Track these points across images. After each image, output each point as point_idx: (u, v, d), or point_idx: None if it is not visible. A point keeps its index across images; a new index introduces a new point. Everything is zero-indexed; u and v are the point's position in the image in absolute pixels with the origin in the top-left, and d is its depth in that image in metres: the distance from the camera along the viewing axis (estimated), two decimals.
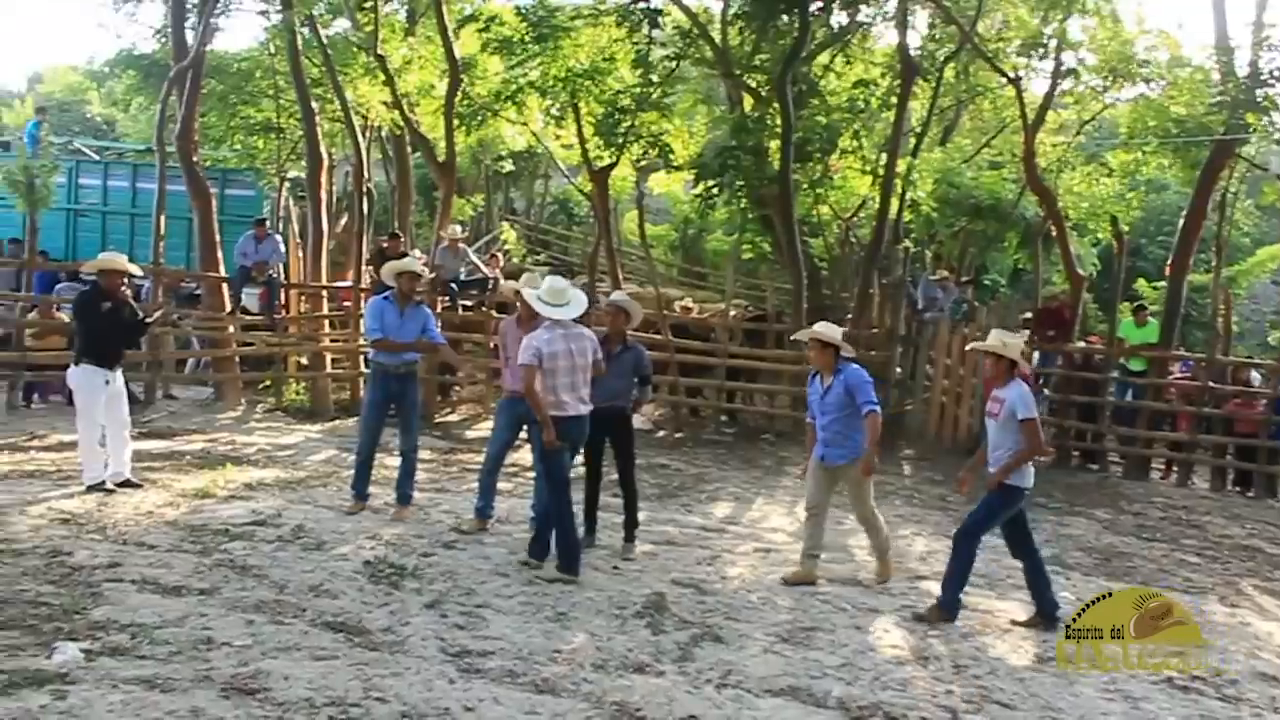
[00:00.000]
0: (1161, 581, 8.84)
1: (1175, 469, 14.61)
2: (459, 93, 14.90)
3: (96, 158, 19.72)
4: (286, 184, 16.24)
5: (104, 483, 7.97)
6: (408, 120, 14.99)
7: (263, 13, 15.59)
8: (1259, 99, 13.02)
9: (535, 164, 28.51)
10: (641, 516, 8.04)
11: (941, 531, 10.04)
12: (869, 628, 6.45)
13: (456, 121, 15.01)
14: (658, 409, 15.67)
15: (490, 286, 15.34)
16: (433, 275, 14.29)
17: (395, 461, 8.58)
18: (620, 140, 14.53)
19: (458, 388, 15.29)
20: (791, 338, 12.58)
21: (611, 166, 15.66)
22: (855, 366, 7.32)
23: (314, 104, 14.56)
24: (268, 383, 14.39)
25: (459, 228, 15.61)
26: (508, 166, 26.40)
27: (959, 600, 6.77)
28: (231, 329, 14.13)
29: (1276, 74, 12.96)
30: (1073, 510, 11.89)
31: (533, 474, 8.83)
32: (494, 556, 7.15)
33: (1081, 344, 14.98)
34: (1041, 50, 14.12)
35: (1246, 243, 15.62)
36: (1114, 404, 14.53)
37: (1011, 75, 14.69)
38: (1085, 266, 19.80)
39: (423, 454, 9.56)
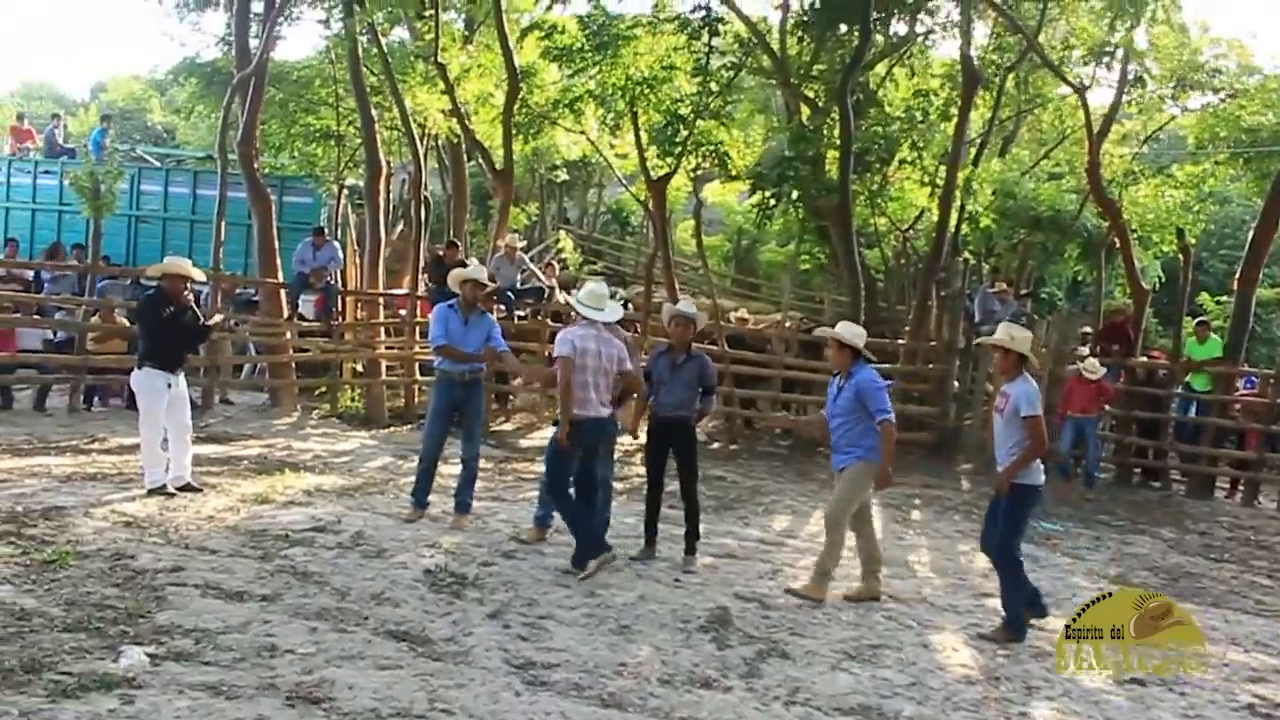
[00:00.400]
0: (1233, 603, 8.59)
1: (1241, 488, 14.24)
2: (517, 101, 14.93)
3: (158, 164, 20.05)
4: (345, 191, 16.32)
5: (165, 486, 8.01)
6: (466, 128, 15.06)
7: (324, 21, 15.74)
8: None
9: (589, 173, 28.60)
10: (701, 529, 7.93)
11: None
12: (936, 646, 6.29)
13: (514, 130, 15.04)
14: (712, 420, 15.54)
15: (546, 295, 15.33)
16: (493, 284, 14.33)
17: (454, 469, 8.56)
18: (679, 149, 14.44)
19: (513, 396, 15.28)
20: (814, 331, 12.41)
21: (669, 176, 15.60)
22: (869, 371, 7.05)
23: (373, 112, 14.62)
24: (323, 389, 14.47)
25: (516, 236, 15.58)
26: (562, 176, 26.45)
27: (1023, 618, 6.57)
28: (288, 335, 14.24)
29: None
30: (1136, 528, 11.62)
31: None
32: (554, 567, 7.07)
33: (1144, 359, 14.66)
34: (1108, 59, 13.84)
35: None
36: (1177, 420, 14.20)
37: (1077, 85, 14.41)
38: (1148, 280, 19.46)
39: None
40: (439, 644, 5.31)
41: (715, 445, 14.86)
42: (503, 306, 14.84)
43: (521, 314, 15.15)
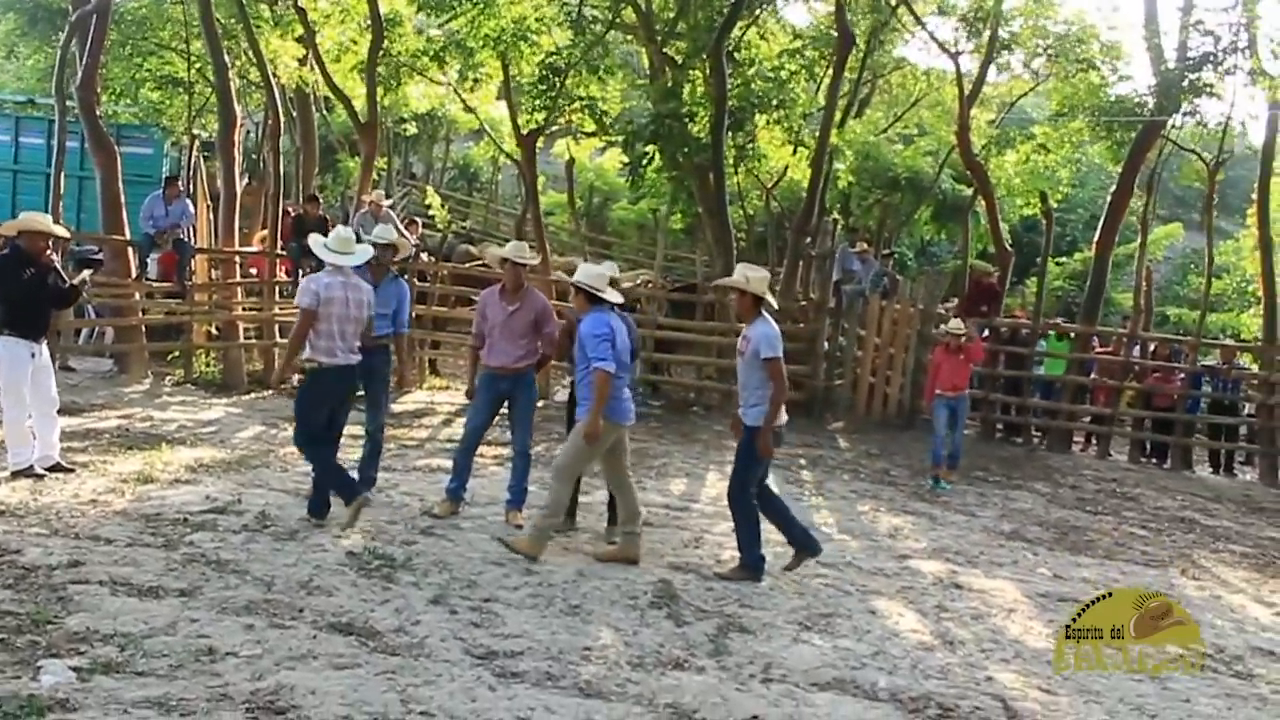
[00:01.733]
0: (1122, 556, 8.97)
1: (1095, 441, 14.99)
2: (381, 50, 14.13)
3: None
4: (197, 143, 15.09)
5: (32, 467, 7.21)
6: (328, 77, 14.14)
7: None
8: (1188, 81, 13.27)
9: (436, 127, 27.62)
10: (601, 495, 7.67)
11: (898, 507, 10.01)
12: (883, 612, 6.27)
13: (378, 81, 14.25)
14: None
15: (413, 254, 14.65)
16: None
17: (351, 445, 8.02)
18: (554, 103, 13.97)
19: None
20: (714, 284, 12.22)
21: (540, 130, 15.11)
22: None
23: (225, 58, 13.54)
24: (176, 354, 13.45)
25: (382, 192, 14.82)
26: (411, 129, 25.42)
27: (761, 558, 6.58)
28: (137, 296, 13.15)
29: (1205, 57, 13.21)
30: (1012, 483, 12.02)
31: (506, 452, 8.42)
32: (478, 544, 6.70)
33: (1008, 320, 15.18)
34: (980, 25, 14.11)
35: (1133, 220, 16.06)
36: (1038, 378, 14.78)
37: (951, 49, 14.67)
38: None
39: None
40: (389, 636, 4.90)
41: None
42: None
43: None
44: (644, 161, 15.28)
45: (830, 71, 15.83)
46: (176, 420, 10.75)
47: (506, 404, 7.48)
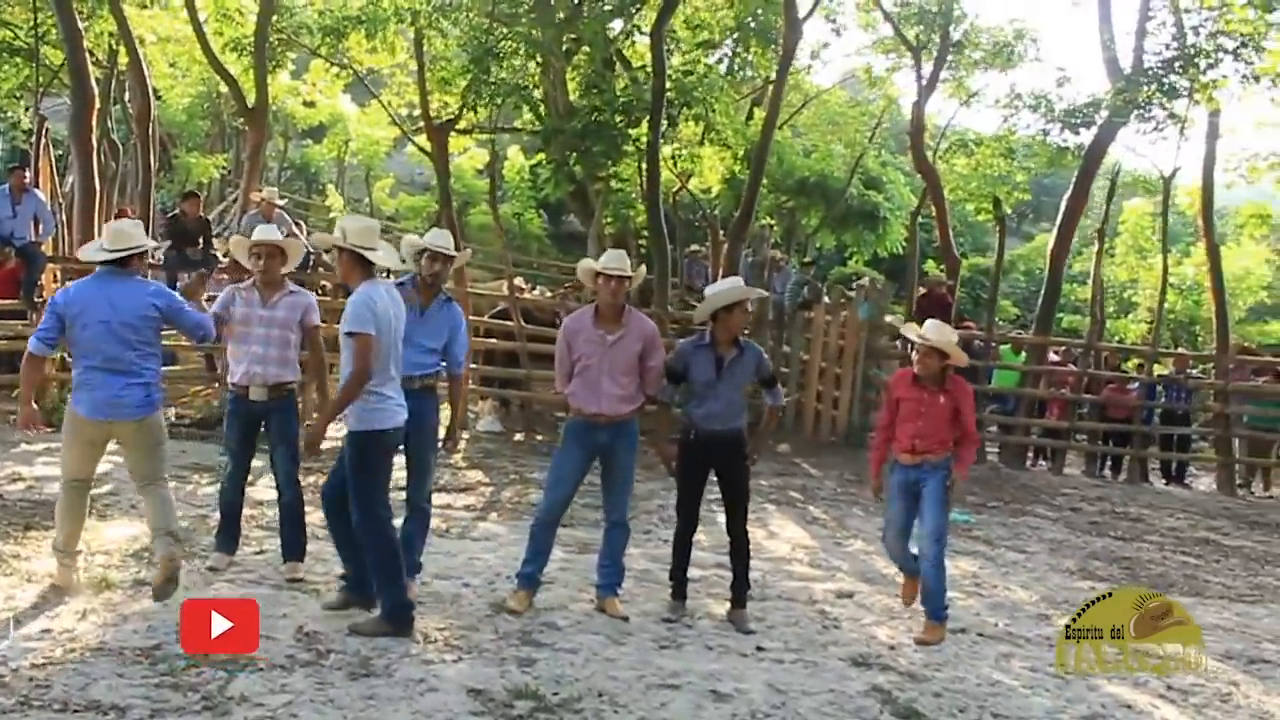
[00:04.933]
0: (1211, 592, 8.19)
1: (1048, 456, 14.42)
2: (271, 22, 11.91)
3: None
4: (45, 126, 12.20)
5: None
6: (209, 50, 11.79)
7: None
8: (1142, 86, 12.82)
9: (271, 123, 24.85)
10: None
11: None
12: (1138, 705, 4.98)
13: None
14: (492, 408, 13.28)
15: (310, 263, 12.49)
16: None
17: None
18: (484, 90, 12.10)
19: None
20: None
21: (453, 122, 13.23)
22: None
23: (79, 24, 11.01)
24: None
25: (275, 189, 12.56)
26: None
27: (408, 604, 4.98)
28: None
29: (1160, 65, 12.82)
30: (1009, 507, 11.18)
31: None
32: (613, 652, 5.00)
33: (960, 330, 14.38)
34: (937, 23, 13.27)
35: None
36: (994, 391, 14.06)
37: (912, 44, 13.75)
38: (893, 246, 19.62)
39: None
40: None
41: (518, 438, 12.69)
42: None
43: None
44: (569, 163, 13.64)
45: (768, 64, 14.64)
46: (54, 478, 8.25)
47: (600, 461, 5.78)
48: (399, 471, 5.36)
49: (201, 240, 11.74)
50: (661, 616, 5.68)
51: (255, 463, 6.14)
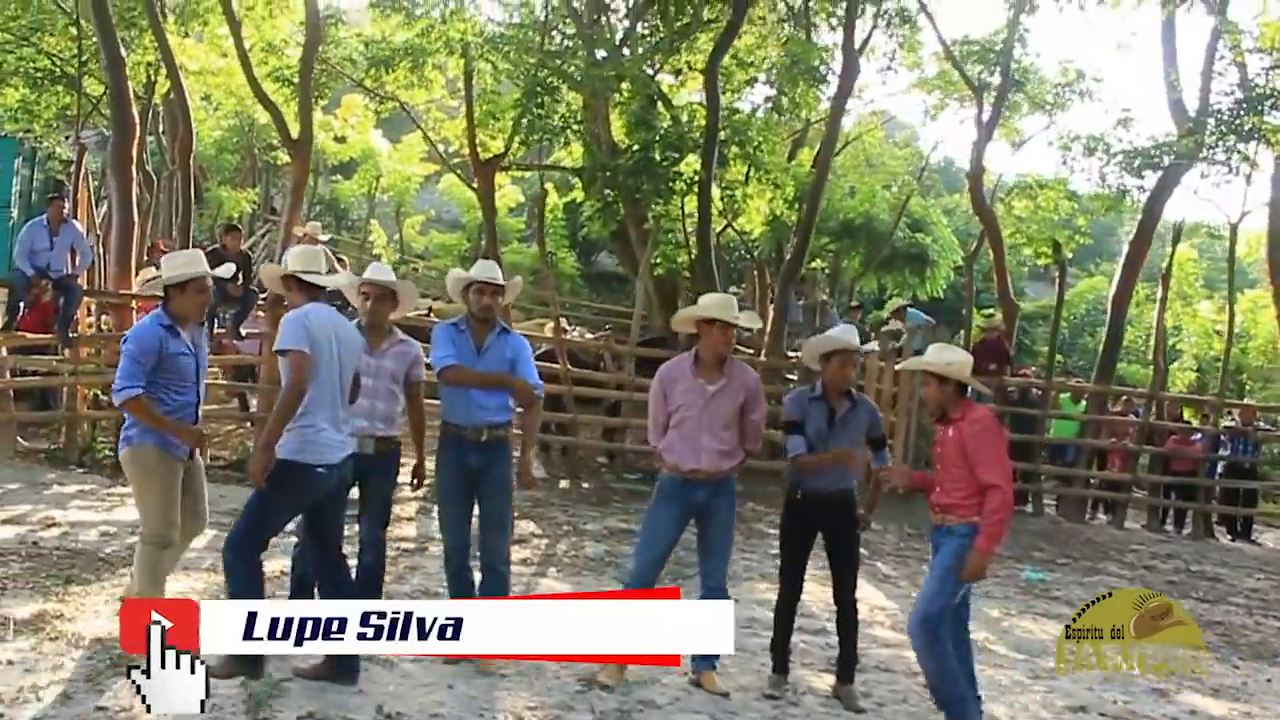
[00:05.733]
0: None
1: (1109, 509, 13.88)
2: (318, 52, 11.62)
3: None
4: (85, 153, 11.83)
5: None
6: (255, 81, 11.48)
7: None
8: (1212, 129, 12.44)
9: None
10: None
11: (1037, 610, 8.29)
12: None
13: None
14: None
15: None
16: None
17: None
18: (538, 124, 11.74)
19: None
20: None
21: (500, 158, 12.89)
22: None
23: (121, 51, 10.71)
24: (59, 426, 10.43)
25: (318, 224, 12.22)
26: (284, 157, 22.43)
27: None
28: (4, 351, 10.11)
29: (1229, 109, 12.45)
30: (1080, 565, 10.67)
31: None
32: None
33: (1017, 378, 13.93)
34: (996, 62, 12.92)
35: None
36: (1051, 441, 13.55)
37: (975, 83, 13.39)
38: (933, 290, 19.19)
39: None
40: None
41: (564, 484, 12.18)
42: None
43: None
44: (616, 201, 13.24)
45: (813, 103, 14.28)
46: (91, 523, 7.93)
47: (696, 521, 5.31)
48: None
49: (241, 275, 11.36)
50: (764, 693, 5.20)
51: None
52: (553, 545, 8.82)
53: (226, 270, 6.01)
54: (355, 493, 5.28)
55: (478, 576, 5.27)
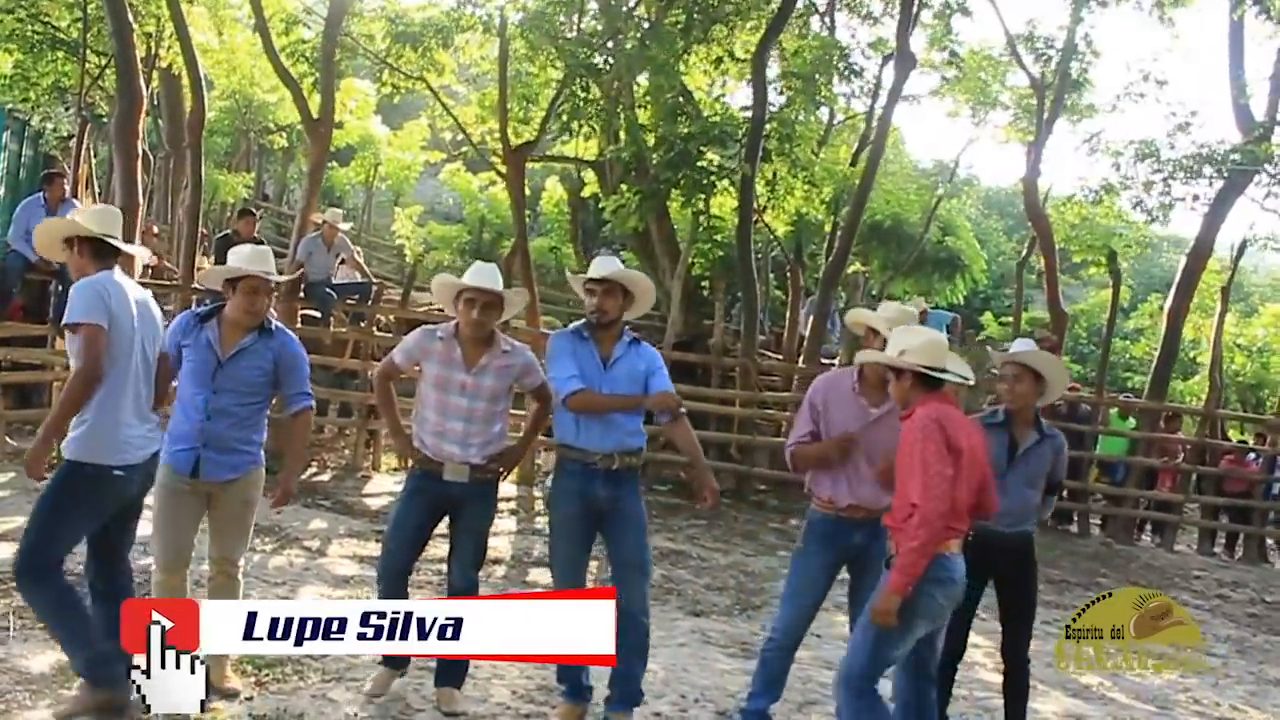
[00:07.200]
0: None
1: (1157, 531, 13.25)
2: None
3: None
4: (88, 127, 10.85)
5: None
6: (275, 55, 10.62)
7: None
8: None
9: (296, 142, 23.71)
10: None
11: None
12: None
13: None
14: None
15: (371, 294, 11.31)
16: (297, 273, 10.22)
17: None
18: (581, 110, 10.93)
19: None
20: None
21: (531, 145, 12.06)
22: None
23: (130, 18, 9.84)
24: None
25: (339, 210, 11.37)
26: (281, 141, 21.53)
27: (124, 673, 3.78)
28: None
29: None
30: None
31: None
32: None
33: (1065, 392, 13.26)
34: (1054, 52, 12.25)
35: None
36: (1101, 459, 12.91)
37: (1035, 78, 12.71)
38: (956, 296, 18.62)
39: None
40: None
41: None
42: (316, 307, 10.77)
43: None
44: (651, 196, 12.44)
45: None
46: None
47: (849, 569, 4.54)
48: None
49: None
50: None
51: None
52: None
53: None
54: (445, 526, 4.51)
55: None
